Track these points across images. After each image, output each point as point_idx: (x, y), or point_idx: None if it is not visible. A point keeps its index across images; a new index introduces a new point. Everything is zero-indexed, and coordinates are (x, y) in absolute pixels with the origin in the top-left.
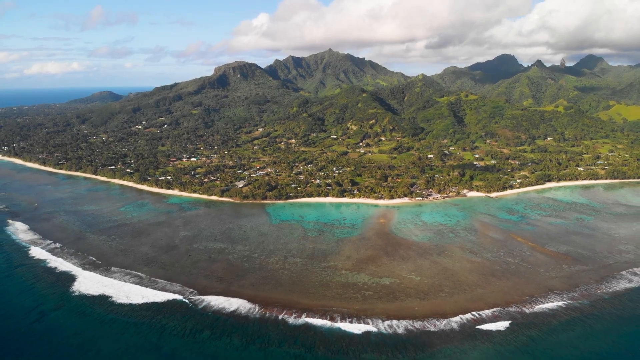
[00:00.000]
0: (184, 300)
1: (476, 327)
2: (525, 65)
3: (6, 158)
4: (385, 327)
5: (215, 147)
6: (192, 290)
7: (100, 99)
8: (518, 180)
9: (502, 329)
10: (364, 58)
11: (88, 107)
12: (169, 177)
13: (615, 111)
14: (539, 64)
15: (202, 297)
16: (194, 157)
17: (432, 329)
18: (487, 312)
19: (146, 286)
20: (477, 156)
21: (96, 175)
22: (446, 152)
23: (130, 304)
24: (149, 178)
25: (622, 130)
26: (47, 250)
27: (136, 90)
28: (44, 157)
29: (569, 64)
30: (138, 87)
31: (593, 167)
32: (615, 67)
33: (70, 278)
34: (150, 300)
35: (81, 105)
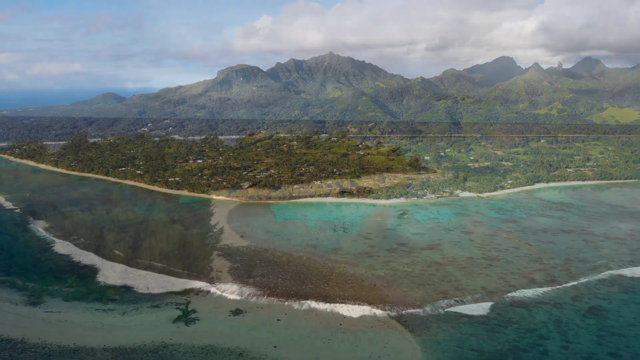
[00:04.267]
0: (199, 288)
1: (460, 310)
2: (524, 68)
3: (18, 159)
4: (379, 311)
5: (220, 149)
6: (206, 279)
7: (104, 100)
8: (509, 182)
9: (483, 312)
10: (364, 61)
11: (93, 109)
12: (177, 178)
13: (609, 114)
14: (536, 66)
15: (217, 286)
16: (200, 159)
17: (421, 312)
18: (470, 298)
19: (164, 277)
20: (471, 158)
21: (108, 176)
22: (442, 154)
23: (151, 293)
24: (159, 179)
25: (614, 133)
26: (70, 246)
27: (139, 92)
28: (55, 159)
29: (567, 65)
30: (140, 88)
31: (582, 169)
32: (612, 69)
33: (94, 270)
34: (169, 289)
35: (85, 107)
